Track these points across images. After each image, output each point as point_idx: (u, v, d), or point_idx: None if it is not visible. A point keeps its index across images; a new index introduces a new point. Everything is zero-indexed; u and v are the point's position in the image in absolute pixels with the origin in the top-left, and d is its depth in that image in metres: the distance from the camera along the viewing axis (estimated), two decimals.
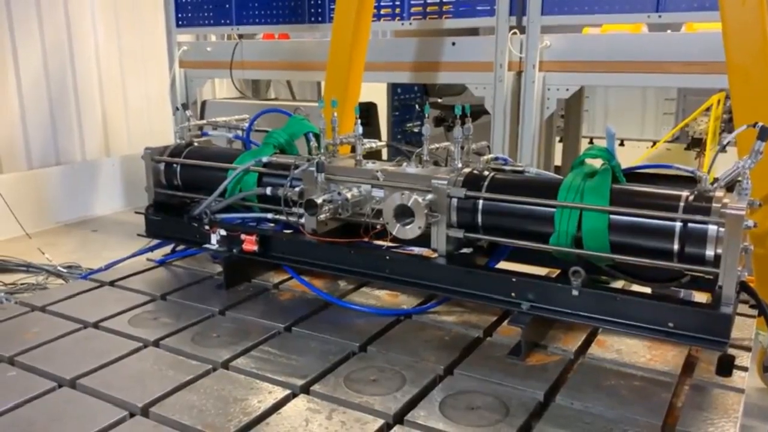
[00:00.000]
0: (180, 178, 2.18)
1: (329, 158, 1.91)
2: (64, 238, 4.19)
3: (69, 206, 4.53)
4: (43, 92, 4.46)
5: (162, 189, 2.22)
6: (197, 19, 4.27)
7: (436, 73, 3.51)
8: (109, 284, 2.01)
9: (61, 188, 4.50)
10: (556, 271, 1.72)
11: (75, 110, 4.68)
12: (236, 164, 2.02)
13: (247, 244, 1.96)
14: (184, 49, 4.38)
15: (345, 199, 1.76)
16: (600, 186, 1.50)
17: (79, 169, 4.67)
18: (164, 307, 1.83)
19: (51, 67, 4.50)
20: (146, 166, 2.23)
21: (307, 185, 1.84)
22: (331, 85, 3.23)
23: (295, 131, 2.11)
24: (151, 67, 4.80)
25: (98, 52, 4.81)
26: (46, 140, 4.49)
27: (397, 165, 1.85)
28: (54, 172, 4.49)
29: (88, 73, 4.76)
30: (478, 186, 1.64)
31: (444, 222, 1.65)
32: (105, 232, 4.33)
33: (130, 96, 5.00)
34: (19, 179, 4.26)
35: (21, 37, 4.34)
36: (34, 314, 1.79)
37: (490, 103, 3.29)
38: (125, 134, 5.01)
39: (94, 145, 4.81)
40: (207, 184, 2.10)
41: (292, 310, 1.78)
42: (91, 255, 3.67)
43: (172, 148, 2.24)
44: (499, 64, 3.20)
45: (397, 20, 3.52)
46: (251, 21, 4.05)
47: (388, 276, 1.76)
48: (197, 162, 2.13)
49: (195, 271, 2.11)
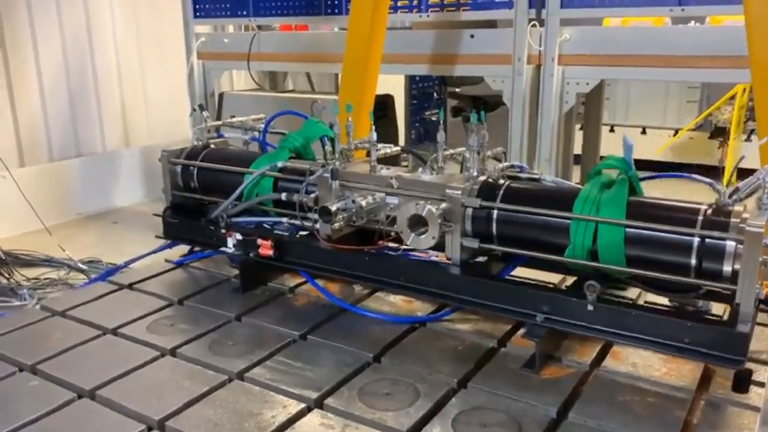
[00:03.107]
0: (197, 181, 2.19)
1: (344, 163, 1.91)
2: (84, 230, 4.25)
3: (89, 198, 4.59)
4: (63, 84, 4.50)
5: (179, 191, 2.24)
6: (214, 10, 4.27)
7: (453, 66, 3.47)
8: (127, 287, 2.04)
9: (82, 180, 4.56)
10: (572, 278, 1.71)
11: (95, 101, 4.72)
12: (253, 168, 2.03)
13: (263, 248, 1.97)
14: (201, 40, 4.39)
15: (359, 207, 1.76)
16: (617, 198, 1.48)
17: (99, 161, 4.72)
18: (181, 312, 1.86)
19: (71, 59, 4.53)
20: (163, 168, 2.24)
21: (321, 191, 1.84)
22: (348, 80, 3.22)
23: (311, 135, 2.10)
24: (169, 57, 4.80)
25: (117, 43, 4.83)
26: (66, 132, 4.54)
27: (411, 171, 1.85)
28: (75, 164, 4.55)
29: (107, 64, 4.79)
30: (493, 195, 1.63)
31: (458, 231, 1.65)
32: (125, 223, 4.39)
33: (148, 86, 5.03)
34: (41, 172, 4.33)
35: (41, 31, 4.37)
36: (55, 319, 1.82)
37: (509, 97, 3.25)
38: (144, 124, 5.04)
39: (113, 136, 4.86)
40: (223, 187, 2.11)
41: (307, 316, 1.79)
42: (112, 249, 3.72)
43: (189, 150, 2.25)
44: (518, 58, 3.16)
45: (415, 12, 3.48)
46: (268, 12, 4.03)
47: (403, 284, 1.76)
48: (214, 165, 2.13)
49: (212, 274, 2.13)
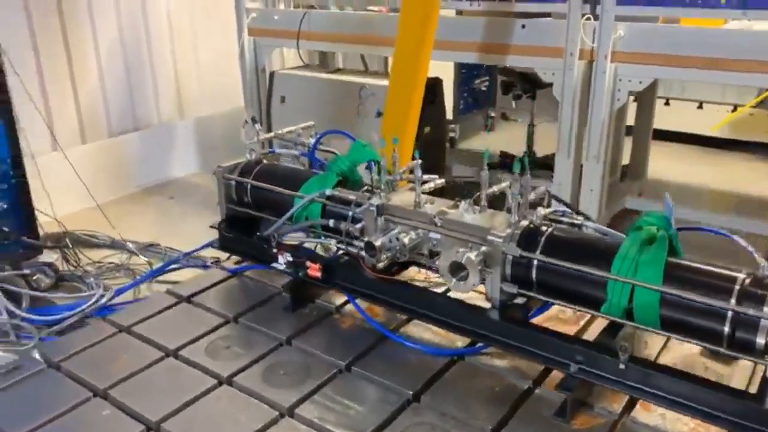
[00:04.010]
0: (249, 197, 2.29)
1: (389, 192, 1.97)
2: (143, 206, 4.44)
3: (147, 171, 4.77)
4: (119, 60, 4.61)
5: (233, 204, 2.35)
6: None
7: (504, 56, 3.42)
8: (186, 300, 2.19)
9: (139, 153, 4.73)
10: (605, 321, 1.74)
11: (150, 76, 4.83)
12: (303, 191, 2.11)
13: (312, 270, 2.07)
14: (252, 16, 4.41)
15: (402, 245, 1.83)
16: (655, 260, 1.51)
17: (155, 134, 4.87)
18: (236, 332, 1.99)
19: (126, 35, 4.62)
20: (218, 183, 2.35)
21: (367, 222, 1.92)
22: (393, 106, 3.21)
23: (358, 158, 2.15)
24: (221, 29, 4.84)
25: (170, 17, 4.89)
26: (124, 107, 4.68)
27: (455, 206, 1.89)
28: (132, 138, 4.71)
29: (161, 37, 4.87)
30: (534, 243, 1.67)
31: (498, 275, 1.70)
32: (181, 198, 4.56)
33: (201, 59, 5.10)
34: (101, 148, 4.51)
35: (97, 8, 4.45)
36: (122, 337, 1.98)
37: (558, 91, 3.21)
38: (197, 96, 5.14)
39: (168, 108, 4.99)
40: (274, 205, 2.21)
41: (352, 342, 1.90)
42: (170, 230, 3.90)
43: (243, 166, 2.34)
44: (570, 53, 3.10)
45: (466, 0, 3.43)
46: None
47: (442, 319, 1.84)
48: (265, 186, 2.22)
49: (264, 286, 2.25)
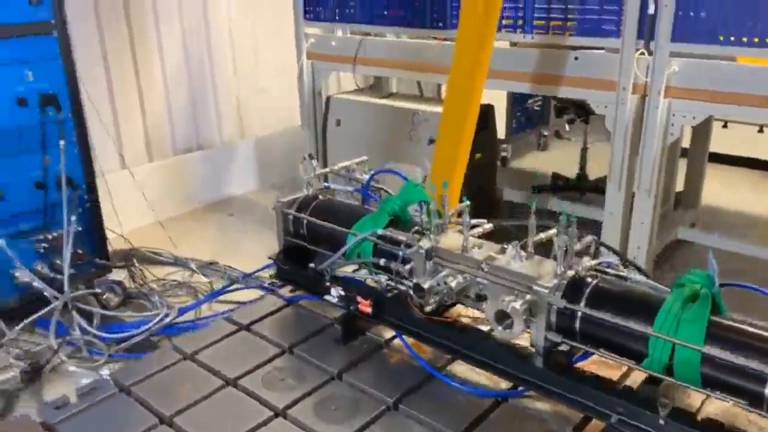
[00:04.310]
0: (305, 230, 2.41)
1: (438, 234, 2.05)
2: (203, 223, 4.65)
3: (208, 188, 4.98)
4: (184, 81, 4.84)
5: (290, 236, 2.47)
6: (323, 14, 4.41)
7: (556, 87, 3.45)
8: (245, 328, 2.32)
9: (201, 171, 4.95)
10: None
11: (212, 96, 5.04)
12: (356, 229, 2.21)
13: (363, 305, 2.17)
14: (311, 41, 4.56)
15: (450, 288, 1.91)
16: (697, 318, 1.54)
17: (217, 152, 5.08)
18: (291, 364, 2.10)
19: (190, 56, 4.85)
20: (277, 216, 2.48)
21: (416, 264, 2.00)
22: (443, 145, 3.27)
23: (409, 199, 2.24)
24: (280, 53, 5.02)
25: (232, 39, 5.10)
26: (188, 127, 4.91)
27: (502, 251, 1.96)
28: (195, 157, 4.93)
29: (224, 59, 5.08)
30: (579, 294, 1.72)
31: (543, 324, 1.76)
32: (241, 216, 4.75)
33: (261, 81, 5.29)
34: (166, 166, 4.74)
35: (164, 29, 4.68)
36: (186, 364, 2.12)
37: (611, 123, 3.23)
38: (258, 116, 5.34)
39: (229, 128, 5.19)
40: (329, 240, 2.32)
41: (399, 378, 1.99)
42: (228, 247, 4.08)
43: (300, 201, 2.46)
44: (623, 87, 3.11)
45: (519, 32, 3.47)
46: (374, 21, 4.13)
47: (487, 361, 1.91)
48: (320, 222, 2.34)
49: (317, 316, 2.36)
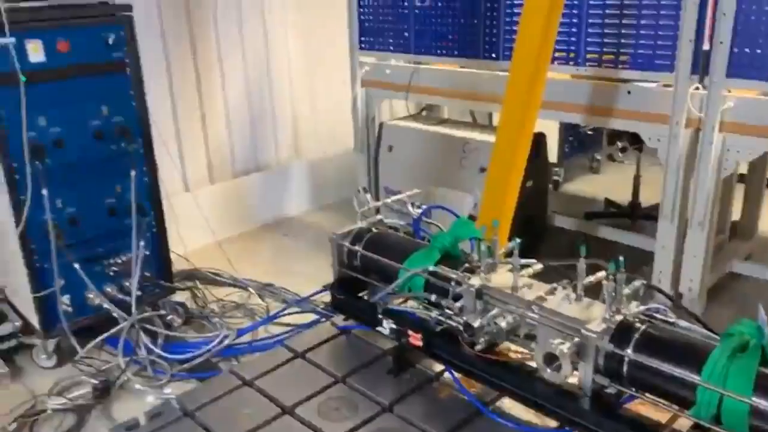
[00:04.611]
0: (359, 262, 2.51)
1: (488, 272, 2.11)
2: (259, 243, 4.82)
3: (264, 209, 5.16)
4: (244, 107, 5.04)
5: (344, 267, 2.58)
6: (378, 44, 4.54)
7: (608, 119, 3.48)
8: (301, 356, 2.42)
9: (258, 193, 5.13)
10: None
11: (271, 120, 5.23)
12: (407, 265, 2.29)
13: (413, 339, 2.25)
14: (365, 69, 4.69)
15: (500, 329, 1.97)
16: (745, 369, 1.56)
17: (273, 174, 5.26)
18: (344, 393, 2.19)
19: (250, 84, 5.05)
20: (332, 248, 2.59)
21: (466, 302, 2.07)
22: (492, 186, 3.32)
23: (460, 235, 2.32)
24: (335, 78, 5.18)
25: (290, 67, 5.28)
26: (247, 150, 5.10)
27: (552, 291, 2.01)
28: (253, 179, 5.12)
29: (281, 84, 5.26)
30: (628, 339, 1.76)
31: (590, 367, 1.80)
32: (295, 236, 4.90)
33: (316, 105, 5.46)
34: (226, 188, 4.94)
35: (226, 55, 4.89)
36: (245, 390, 2.24)
37: (664, 157, 3.23)
38: (312, 139, 5.51)
39: (286, 150, 5.37)
40: (381, 273, 2.42)
41: (448, 413, 2.06)
42: (283, 268, 4.23)
43: (355, 233, 2.56)
44: (676, 121, 3.11)
45: (571, 65, 3.51)
46: (428, 51, 4.23)
47: (535, 400, 1.96)
48: (372, 255, 2.43)
49: (370, 346, 2.45)
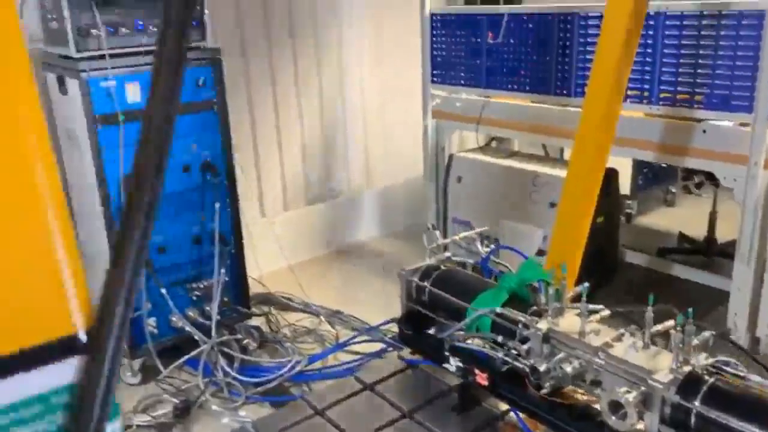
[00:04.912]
0: (427, 298, 2.59)
1: (555, 315, 2.15)
2: (329, 269, 4.97)
3: (335, 236, 5.33)
4: (318, 137, 5.24)
5: (412, 302, 2.66)
6: (450, 77, 4.64)
7: (682, 157, 3.44)
8: (369, 388, 2.52)
9: (330, 220, 5.30)
10: None
11: (343, 149, 5.41)
12: (475, 304, 2.36)
13: (479, 378, 2.30)
14: (437, 101, 4.80)
15: (565, 374, 2.01)
16: None
17: (344, 202, 5.43)
18: (410, 428, 2.27)
19: (325, 116, 5.24)
20: (401, 283, 2.68)
21: (533, 344, 2.11)
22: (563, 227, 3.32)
23: (528, 277, 2.36)
24: (407, 110, 5.31)
25: (364, 98, 5.45)
26: (320, 177, 5.29)
27: (619, 338, 2.03)
28: (325, 206, 5.30)
29: (354, 113, 5.44)
30: (695, 391, 1.76)
31: (656, 417, 1.81)
32: (364, 263, 5.03)
33: (388, 133, 5.60)
34: (299, 214, 5.13)
35: (304, 87, 5.11)
36: (316, 420, 2.34)
37: (740, 198, 3.17)
38: (383, 167, 5.65)
39: (357, 178, 5.53)
40: (449, 310, 2.49)
41: None
42: (352, 295, 4.36)
43: (423, 270, 2.64)
44: (754, 162, 3.06)
45: (645, 103, 3.50)
46: (499, 86, 4.30)
47: None
48: (442, 293, 2.51)
49: (437, 382, 2.52)
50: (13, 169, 0.47)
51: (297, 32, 4.95)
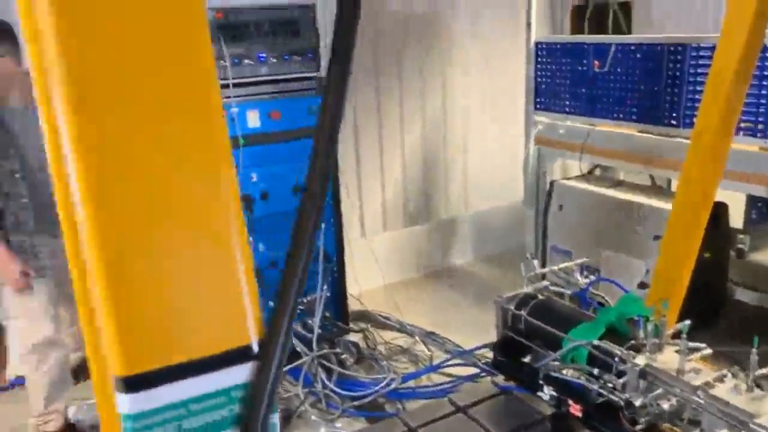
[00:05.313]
0: (523, 326, 2.63)
1: (654, 351, 2.13)
2: (424, 291, 5.07)
3: (432, 258, 5.43)
4: (419, 161, 5.38)
5: (508, 330, 2.70)
6: (554, 105, 4.65)
7: None
8: (462, 410, 2.58)
9: (426, 242, 5.41)
10: None
11: (443, 173, 5.52)
12: (572, 335, 2.37)
13: (573, 408, 2.31)
14: (539, 128, 4.81)
15: (662, 410, 1.99)
16: None
17: (441, 224, 5.52)
18: None
19: (427, 140, 5.39)
20: (496, 310, 2.73)
21: (630, 379, 2.10)
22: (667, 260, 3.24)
23: (627, 311, 2.35)
24: (508, 135, 5.36)
25: (466, 122, 5.54)
26: (419, 201, 5.42)
27: (720, 378, 1.99)
28: (423, 228, 5.42)
29: (455, 136, 5.54)
30: None
31: None
32: (459, 287, 5.09)
33: (488, 158, 5.65)
34: (397, 236, 5.28)
35: (407, 112, 5.28)
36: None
37: None
38: (481, 191, 5.70)
39: (455, 202, 5.62)
40: (545, 339, 2.51)
41: None
42: (446, 317, 4.42)
43: (520, 298, 2.68)
44: None
45: (759, 137, 3.38)
46: (604, 115, 4.26)
47: None
48: (538, 322, 2.53)
49: (529, 410, 2.54)
50: (214, 194, 0.58)
51: (404, 57, 5.13)
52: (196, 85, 0.55)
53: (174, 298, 0.53)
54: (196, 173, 0.55)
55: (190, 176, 0.55)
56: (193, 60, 0.54)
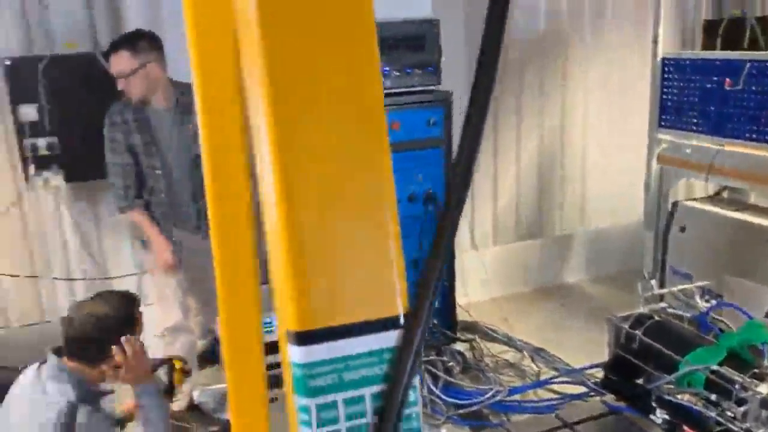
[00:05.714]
0: (637, 346, 2.57)
1: None
2: (534, 307, 5.01)
3: (543, 274, 5.36)
4: (534, 174, 5.34)
5: (620, 350, 2.65)
6: (679, 123, 4.48)
7: None
8: (570, 427, 2.56)
9: (538, 257, 5.35)
10: None
11: (559, 188, 5.44)
12: (690, 359, 2.30)
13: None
14: (663, 146, 4.65)
15: None
16: None
17: (555, 241, 5.44)
18: None
19: (543, 154, 5.34)
20: (609, 329, 2.69)
21: (751, 408, 2.02)
22: None
23: (750, 338, 2.25)
24: (629, 150, 5.20)
25: (585, 134, 5.44)
26: (532, 215, 5.38)
27: None
28: (535, 244, 5.37)
29: (573, 151, 5.45)
30: None
31: None
32: (571, 305, 4.99)
33: (608, 175, 5.51)
34: (508, 249, 5.26)
35: (524, 123, 5.27)
36: None
37: None
38: (598, 209, 5.56)
39: (570, 218, 5.52)
40: (659, 361, 2.45)
41: None
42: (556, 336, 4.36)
43: (635, 317, 2.63)
44: None
45: None
46: (735, 134, 4.06)
47: None
48: (654, 343, 2.48)
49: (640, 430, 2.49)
50: (377, 188, 0.67)
51: (524, 71, 5.13)
52: (368, 91, 0.64)
53: (340, 271, 0.63)
54: (363, 170, 0.65)
55: (359, 171, 0.65)
56: (365, 69, 0.64)
